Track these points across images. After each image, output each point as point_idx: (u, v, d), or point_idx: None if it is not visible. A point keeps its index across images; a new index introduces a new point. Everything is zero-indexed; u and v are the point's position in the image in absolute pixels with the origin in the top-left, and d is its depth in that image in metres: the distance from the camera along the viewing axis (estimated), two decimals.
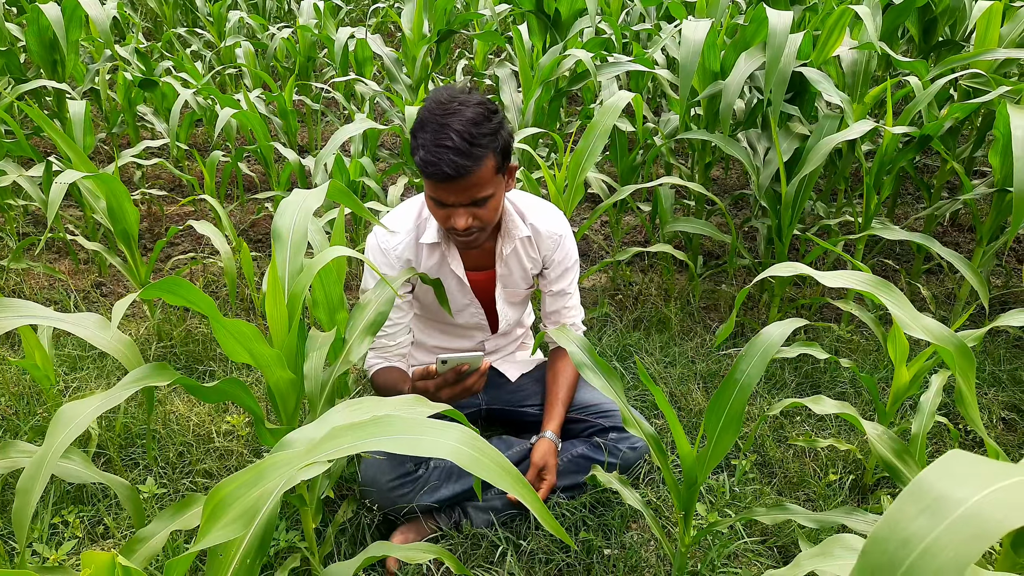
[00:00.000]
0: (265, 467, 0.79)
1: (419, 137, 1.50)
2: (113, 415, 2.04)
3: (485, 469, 0.77)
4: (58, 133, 2.20)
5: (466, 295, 1.83)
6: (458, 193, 1.51)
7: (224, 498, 0.80)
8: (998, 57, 2.21)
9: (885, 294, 1.17)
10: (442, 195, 1.52)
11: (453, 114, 1.48)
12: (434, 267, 1.77)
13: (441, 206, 1.56)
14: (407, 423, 0.81)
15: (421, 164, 1.48)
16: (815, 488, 1.87)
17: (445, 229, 1.61)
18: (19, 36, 3.76)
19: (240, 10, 5.36)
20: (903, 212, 3.57)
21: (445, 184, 1.49)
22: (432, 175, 1.48)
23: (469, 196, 1.52)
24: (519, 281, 1.87)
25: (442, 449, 0.77)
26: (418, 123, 1.52)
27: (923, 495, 0.53)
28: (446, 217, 1.57)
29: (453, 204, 1.54)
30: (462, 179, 1.48)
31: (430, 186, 1.52)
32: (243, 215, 3.61)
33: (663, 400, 1.32)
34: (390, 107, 3.65)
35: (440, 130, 1.47)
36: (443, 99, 1.52)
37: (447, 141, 1.45)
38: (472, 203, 1.54)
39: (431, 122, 1.49)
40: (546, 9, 3.11)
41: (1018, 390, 2.27)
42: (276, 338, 1.30)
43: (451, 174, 1.46)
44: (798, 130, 2.46)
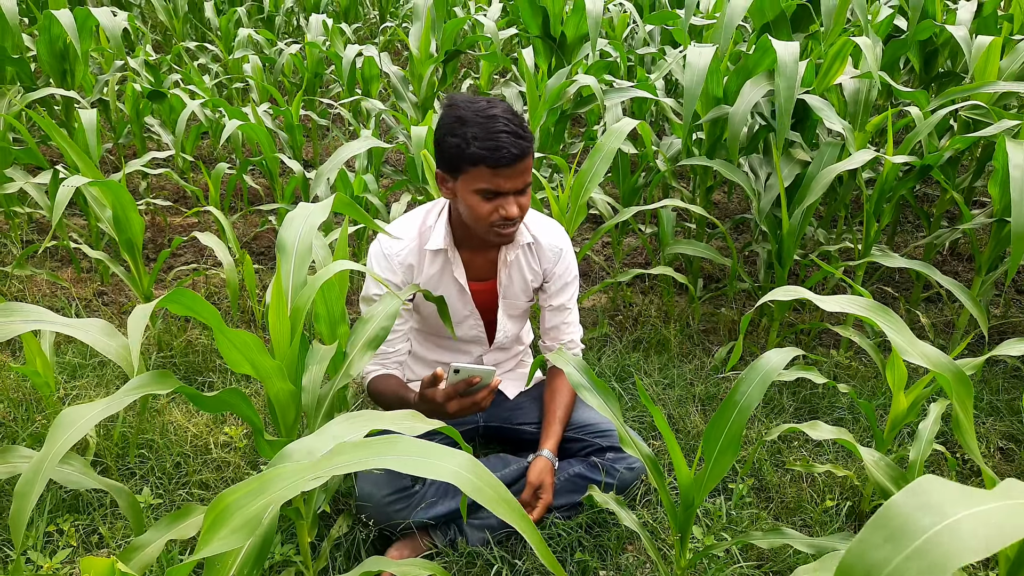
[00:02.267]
0: (269, 478, 0.79)
1: (466, 133, 1.51)
2: (111, 424, 2.04)
3: (485, 497, 0.78)
4: (67, 141, 2.22)
5: (466, 305, 1.84)
6: (515, 178, 1.55)
7: (226, 508, 0.80)
8: (998, 90, 2.24)
9: (884, 320, 1.18)
10: (500, 182, 1.54)
11: (493, 106, 1.54)
12: (436, 275, 1.77)
13: (494, 196, 1.57)
14: (412, 445, 0.82)
15: (481, 152, 1.50)
16: (812, 514, 1.87)
17: (486, 226, 1.61)
18: (30, 46, 3.80)
19: (248, 27, 5.42)
20: (903, 240, 3.59)
21: (509, 168, 1.52)
22: (498, 160, 1.50)
23: (524, 180, 1.57)
24: (519, 293, 1.87)
25: (444, 473, 0.78)
26: (455, 121, 1.54)
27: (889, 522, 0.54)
28: (494, 209, 1.58)
29: (508, 191, 1.56)
30: (522, 161, 1.53)
31: (487, 175, 1.53)
32: (246, 227, 3.63)
33: (662, 421, 1.33)
34: (395, 124, 3.68)
35: (489, 121, 1.51)
36: (468, 99, 1.58)
37: (500, 126, 1.50)
38: (522, 189, 1.59)
39: (473, 117, 1.52)
40: (552, 33, 3.15)
41: (1016, 420, 2.27)
42: (278, 350, 1.30)
43: (517, 154, 1.51)
44: (799, 156, 2.48)
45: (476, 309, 1.85)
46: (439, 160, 1.61)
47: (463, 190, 1.58)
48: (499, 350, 1.99)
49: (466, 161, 1.53)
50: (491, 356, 1.98)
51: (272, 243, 3.45)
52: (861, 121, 2.67)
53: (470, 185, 1.56)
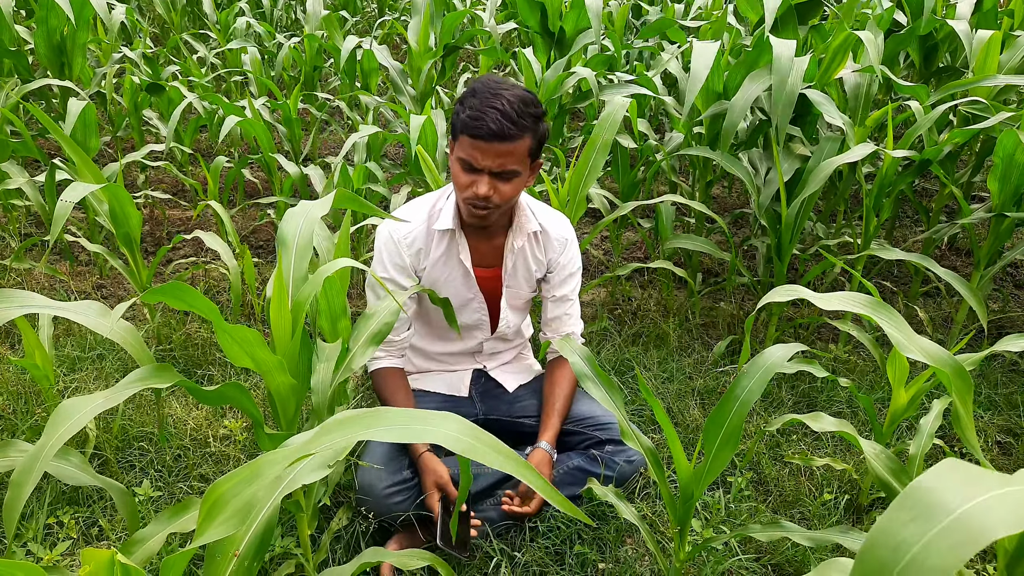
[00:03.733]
0: (261, 463, 0.80)
1: (467, 102, 1.57)
2: (111, 416, 2.04)
3: (483, 454, 0.77)
4: (63, 136, 2.21)
5: (471, 288, 1.85)
6: (491, 157, 1.56)
7: (222, 495, 0.80)
8: (997, 84, 2.24)
9: (882, 316, 1.18)
10: (475, 155, 1.57)
11: (506, 89, 1.58)
12: (442, 257, 1.79)
13: (470, 169, 1.60)
14: (401, 414, 0.80)
15: (467, 120, 1.55)
16: (810, 507, 1.88)
17: (462, 199, 1.65)
18: (27, 39, 3.78)
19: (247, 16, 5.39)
20: (902, 235, 3.59)
21: (484, 142, 1.54)
22: (475, 130, 1.53)
23: (500, 164, 1.57)
24: (523, 282, 1.89)
25: (436, 436, 0.77)
26: (468, 92, 1.60)
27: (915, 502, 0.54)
28: (469, 183, 1.61)
29: (482, 168, 1.58)
30: (500, 142, 1.54)
31: (466, 144, 1.57)
32: (245, 221, 3.62)
33: (662, 414, 1.33)
34: (394, 118, 3.67)
35: (492, 96, 1.55)
36: (496, 79, 1.64)
37: (497, 104, 1.54)
38: (499, 174, 1.59)
39: (483, 91, 1.58)
40: (551, 28, 3.15)
41: (1014, 414, 2.28)
42: (279, 344, 1.30)
43: (495, 130, 1.53)
44: (799, 151, 2.48)
45: (480, 292, 1.86)
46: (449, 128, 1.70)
47: (452, 158, 1.65)
48: (499, 339, 1.99)
49: (458, 127, 1.59)
50: (491, 344, 1.98)
51: (271, 237, 3.45)
52: (861, 116, 2.67)
53: (456, 152, 1.63)
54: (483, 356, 2.01)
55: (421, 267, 1.81)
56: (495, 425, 1.98)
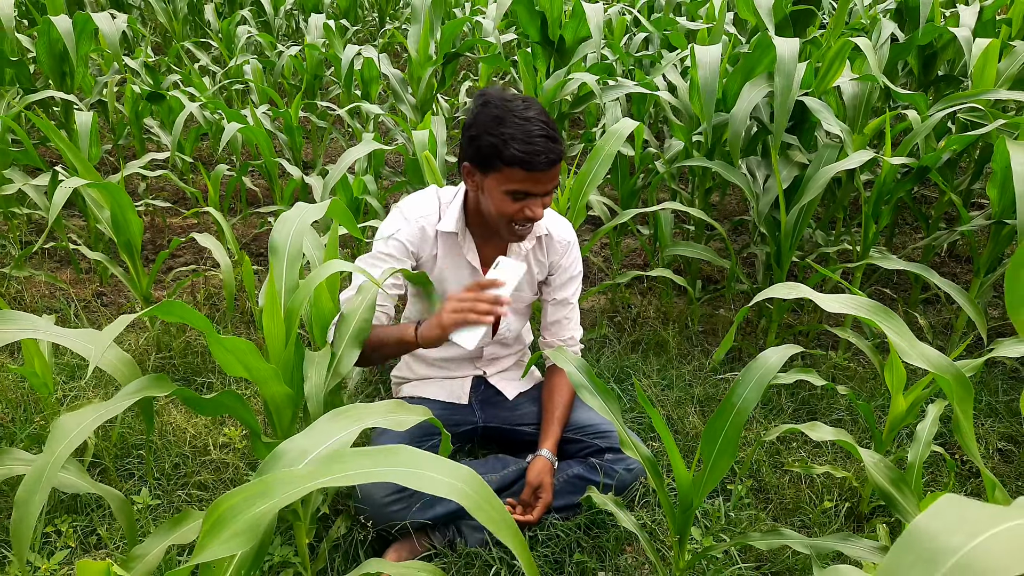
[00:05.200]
0: (270, 483, 0.79)
1: (501, 132, 1.52)
2: (110, 425, 2.04)
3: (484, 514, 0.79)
4: (65, 143, 2.22)
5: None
6: (547, 182, 1.58)
7: (225, 512, 0.80)
8: (998, 98, 2.24)
9: (885, 321, 1.18)
10: (534, 185, 1.57)
11: (528, 107, 1.56)
12: (448, 256, 1.80)
13: (525, 197, 1.59)
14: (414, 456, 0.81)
15: (522, 155, 1.51)
16: (810, 515, 1.87)
17: (507, 223, 1.64)
18: (29, 47, 3.80)
19: (249, 26, 5.42)
20: (901, 242, 3.59)
21: (544, 172, 1.54)
22: (536, 164, 1.52)
23: (554, 183, 1.60)
24: (524, 286, 1.89)
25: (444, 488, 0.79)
26: (492, 120, 1.55)
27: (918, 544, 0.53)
28: (520, 209, 1.60)
29: (538, 193, 1.59)
30: (554, 167, 1.56)
31: (523, 178, 1.55)
32: (246, 229, 3.63)
33: (660, 422, 1.33)
34: (394, 127, 3.68)
35: (527, 122, 1.53)
36: (504, 96, 1.59)
37: (540, 131, 1.52)
38: (550, 191, 1.62)
39: (511, 117, 1.53)
40: (551, 37, 3.16)
41: (1015, 421, 2.27)
42: (272, 352, 1.30)
43: (555, 160, 1.54)
44: (797, 159, 2.48)
45: None
46: (470, 154, 1.61)
47: (492, 187, 1.60)
48: (500, 344, 1.99)
49: (502, 161, 1.54)
50: (491, 349, 1.98)
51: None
52: (860, 124, 2.67)
53: (501, 184, 1.58)
54: (483, 362, 2.00)
55: (427, 252, 1.80)
56: (495, 433, 1.97)
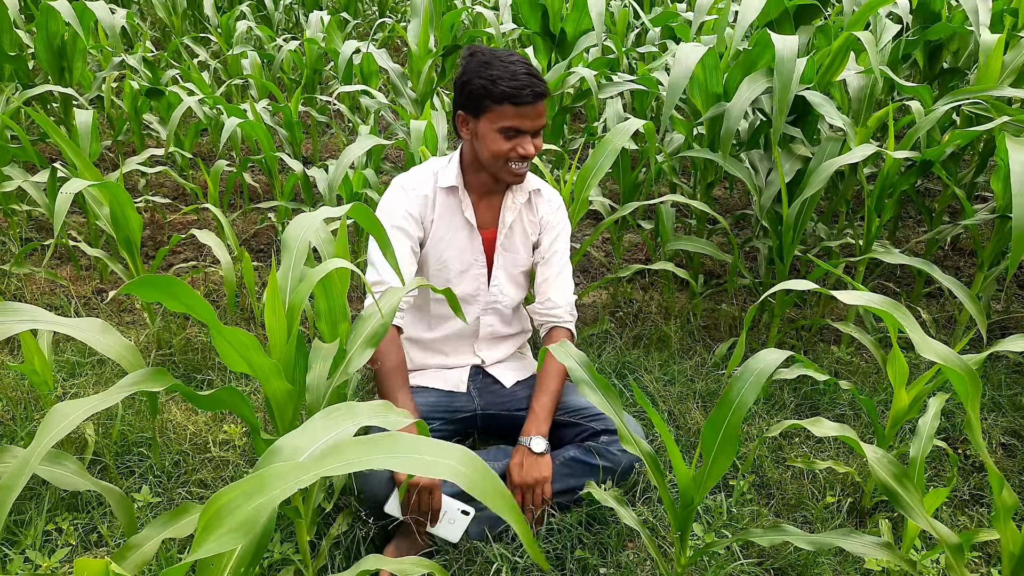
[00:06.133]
0: (266, 477, 0.79)
1: (489, 73, 1.66)
2: (110, 422, 2.04)
3: (481, 491, 0.78)
4: (64, 140, 2.21)
5: (474, 245, 1.90)
6: (535, 118, 1.71)
7: (222, 508, 0.79)
8: (1003, 95, 2.23)
9: (900, 316, 1.18)
10: (522, 121, 1.69)
11: (511, 55, 1.71)
12: (447, 214, 1.87)
13: (516, 134, 1.71)
14: (408, 442, 0.81)
15: (510, 89, 1.65)
16: (813, 510, 1.86)
17: (502, 163, 1.75)
18: (28, 43, 3.79)
19: (249, 20, 5.40)
20: (904, 235, 3.58)
21: (530, 106, 1.67)
22: (524, 98, 1.66)
23: (541, 121, 1.73)
24: (519, 246, 1.95)
25: (441, 469, 0.78)
26: (480, 65, 1.69)
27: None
28: (512, 147, 1.73)
29: (528, 130, 1.71)
30: (541, 102, 1.69)
31: (513, 113, 1.68)
32: (246, 224, 3.62)
33: (659, 421, 1.32)
34: (395, 120, 3.67)
35: (511, 64, 1.67)
36: (489, 48, 1.74)
37: (523, 69, 1.67)
38: (537, 131, 1.74)
39: (496, 61, 1.68)
40: (551, 30, 3.14)
41: (1018, 415, 2.26)
42: (274, 348, 1.30)
43: (541, 93, 1.68)
44: (800, 152, 2.47)
45: (484, 253, 1.91)
46: (462, 102, 1.75)
47: (485, 129, 1.72)
48: (496, 314, 1.99)
49: (492, 99, 1.67)
50: (488, 320, 1.99)
51: (271, 240, 3.45)
52: (864, 117, 2.65)
53: (493, 123, 1.70)
54: (481, 342, 2.01)
55: (428, 219, 1.88)
56: (492, 420, 1.97)
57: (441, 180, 1.86)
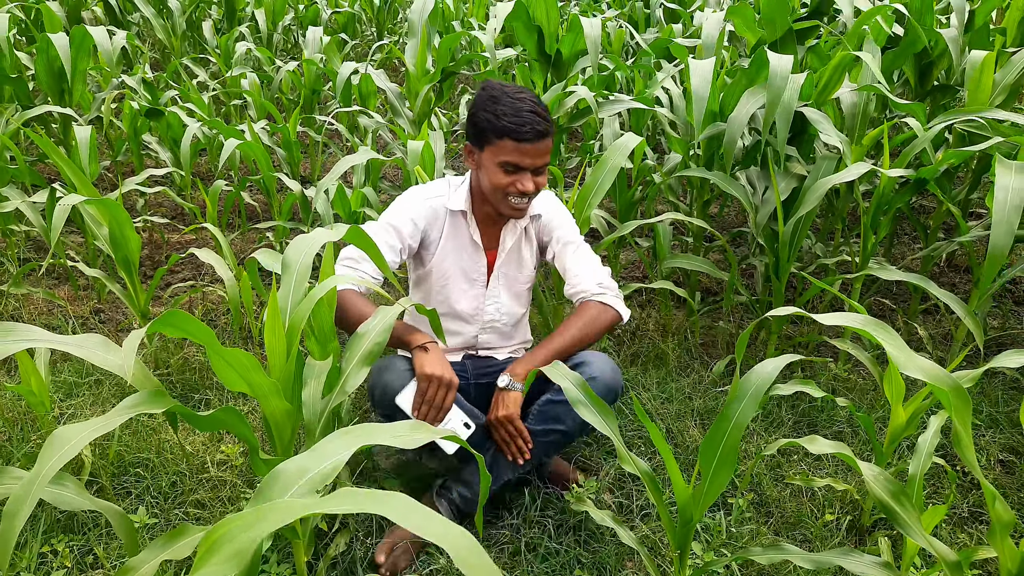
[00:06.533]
0: (266, 511, 0.78)
1: (495, 108, 1.70)
2: (107, 442, 2.03)
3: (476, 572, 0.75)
4: (63, 160, 2.22)
5: (478, 265, 1.93)
6: (536, 156, 1.72)
7: (221, 538, 0.79)
8: (996, 117, 2.26)
9: (881, 334, 1.18)
10: (522, 158, 1.71)
11: (522, 92, 1.74)
12: (454, 232, 1.91)
13: (515, 170, 1.73)
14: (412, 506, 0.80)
15: (512, 125, 1.68)
16: (812, 528, 1.86)
17: (502, 197, 1.77)
18: (28, 64, 3.81)
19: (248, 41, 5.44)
20: (900, 252, 3.59)
21: (532, 144, 1.70)
22: (524, 135, 1.68)
23: (543, 160, 1.75)
24: (519, 265, 1.98)
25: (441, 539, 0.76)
26: (489, 99, 1.72)
27: None
28: (512, 183, 1.74)
29: (528, 167, 1.73)
30: (543, 141, 1.72)
31: (513, 148, 1.70)
32: (244, 244, 3.63)
33: (658, 436, 1.32)
34: (392, 140, 3.69)
35: (519, 101, 1.70)
36: (501, 84, 1.77)
37: (529, 108, 1.70)
38: (539, 169, 1.76)
39: (504, 97, 1.71)
40: (547, 51, 3.17)
41: (1016, 432, 2.26)
42: (274, 367, 1.30)
43: (542, 132, 1.70)
44: (796, 170, 2.49)
45: (486, 274, 1.94)
46: (468, 134, 1.80)
47: (488, 161, 1.75)
48: (495, 332, 2.01)
49: (494, 133, 1.70)
50: (485, 337, 2.01)
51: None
52: (858, 134, 2.68)
53: (495, 157, 1.73)
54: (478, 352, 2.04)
55: (435, 234, 1.90)
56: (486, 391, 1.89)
57: (451, 203, 1.89)
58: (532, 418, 1.79)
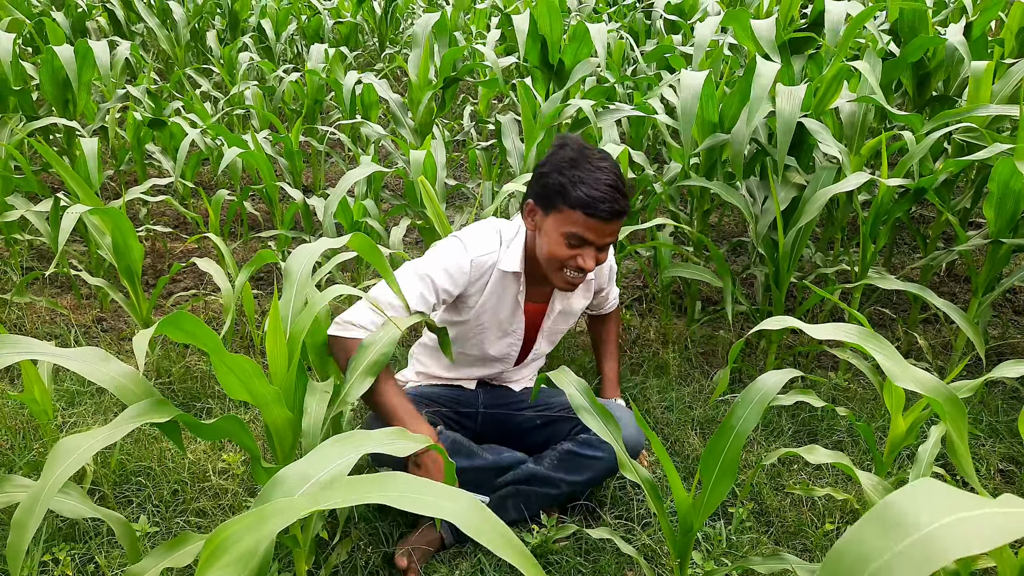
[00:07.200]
0: (267, 512, 0.79)
1: (572, 174, 1.55)
2: (108, 451, 2.04)
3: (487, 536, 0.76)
4: (67, 170, 2.24)
5: (515, 322, 1.85)
6: (606, 234, 1.58)
7: (225, 540, 0.80)
8: (989, 113, 2.27)
9: (874, 346, 1.19)
10: (592, 233, 1.57)
11: (604, 160, 1.58)
12: (499, 291, 1.78)
13: (581, 244, 1.59)
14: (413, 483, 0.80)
15: (587, 199, 1.53)
16: (812, 538, 1.86)
17: (558, 268, 1.64)
18: (33, 75, 3.84)
19: (251, 52, 5.47)
20: (900, 262, 3.60)
21: (605, 222, 1.55)
22: (599, 212, 1.53)
23: (613, 237, 1.61)
24: (565, 320, 1.96)
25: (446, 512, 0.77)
26: (564, 161, 1.58)
27: (886, 517, 0.55)
28: (572, 256, 1.60)
29: (593, 243, 1.59)
30: (617, 220, 1.57)
31: (583, 222, 1.56)
32: (246, 253, 3.64)
33: (659, 445, 1.33)
34: (394, 150, 3.71)
35: (600, 171, 1.55)
36: (582, 144, 1.62)
37: (610, 181, 1.54)
38: (606, 245, 1.62)
39: (584, 162, 1.56)
40: (550, 60, 3.19)
41: (1016, 442, 2.26)
42: (276, 376, 1.31)
43: (619, 210, 1.55)
44: (795, 180, 2.50)
45: (523, 325, 1.87)
46: (535, 191, 1.64)
47: (551, 228, 1.61)
48: (524, 366, 2.02)
49: (565, 201, 1.55)
50: (513, 371, 2.01)
51: (271, 269, 3.47)
52: (857, 144, 2.69)
53: (560, 226, 1.59)
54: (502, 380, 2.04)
55: (471, 292, 1.77)
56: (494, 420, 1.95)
57: (503, 263, 1.74)
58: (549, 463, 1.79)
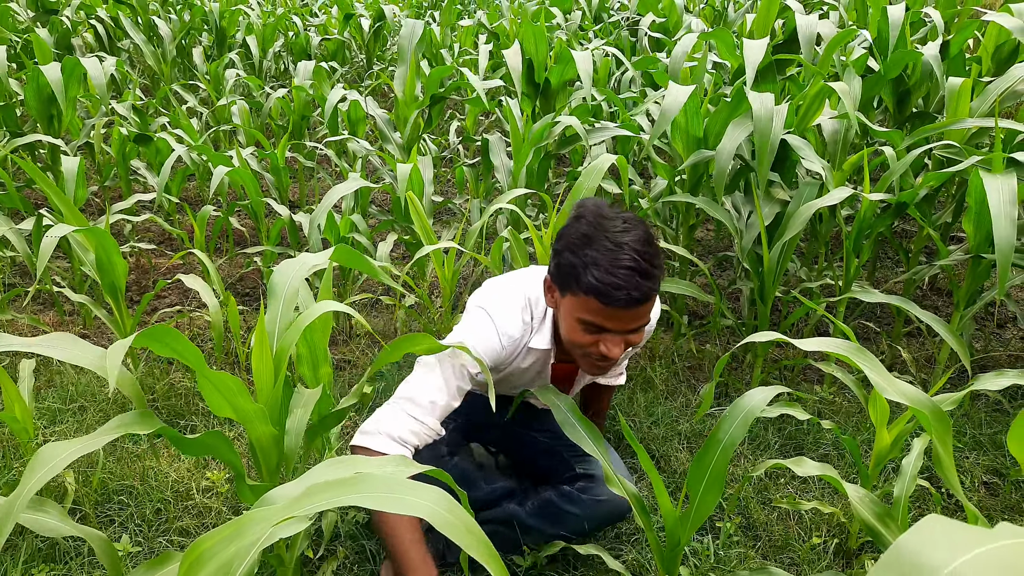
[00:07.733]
0: (244, 522, 0.79)
1: (585, 254, 1.34)
2: (90, 469, 2.01)
3: (457, 532, 0.79)
4: (51, 187, 2.22)
5: (541, 380, 1.74)
6: (628, 320, 1.36)
7: (202, 554, 0.79)
8: (967, 126, 2.31)
9: (861, 359, 1.20)
10: (611, 322, 1.35)
11: (626, 231, 1.35)
12: (525, 358, 1.64)
13: (597, 331, 1.38)
14: (386, 482, 0.82)
15: (600, 287, 1.31)
16: (799, 552, 1.86)
17: (582, 354, 1.46)
18: (18, 91, 3.83)
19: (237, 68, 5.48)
20: (883, 276, 3.63)
21: (625, 310, 1.33)
22: (614, 300, 1.31)
23: (637, 323, 1.37)
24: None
25: (416, 508, 0.79)
26: (578, 237, 1.38)
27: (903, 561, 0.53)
28: (595, 342, 1.39)
29: (615, 330, 1.37)
30: (642, 305, 1.33)
31: (598, 310, 1.34)
32: (231, 269, 3.63)
33: (646, 459, 1.33)
34: (381, 165, 3.71)
35: (617, 248, 1.32)
36: (600, 213, 1.39)
37: (629, 261, 1.31)
38: (634, 329, 1.39)
39: (600, 239, 1.34)
40: (536, 80, 3.22)
41: (999, 454, 2.28)
42: (261, 392, 1.30)
43: (637, 298, 1.31)
44: (779, 196, 2.53)
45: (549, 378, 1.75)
46: (551, 268, 1.45)
47: (567, 311, 1.42)
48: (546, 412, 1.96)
49: (578, 285, 1.35)
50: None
51: (257, 285, 3.45)
52: (839, 160, 2.73)
53: (575, 311, 1.39)
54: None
55: (508, 359, 1.62)
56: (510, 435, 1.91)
57: (535, 340, 1.59)
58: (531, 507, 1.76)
